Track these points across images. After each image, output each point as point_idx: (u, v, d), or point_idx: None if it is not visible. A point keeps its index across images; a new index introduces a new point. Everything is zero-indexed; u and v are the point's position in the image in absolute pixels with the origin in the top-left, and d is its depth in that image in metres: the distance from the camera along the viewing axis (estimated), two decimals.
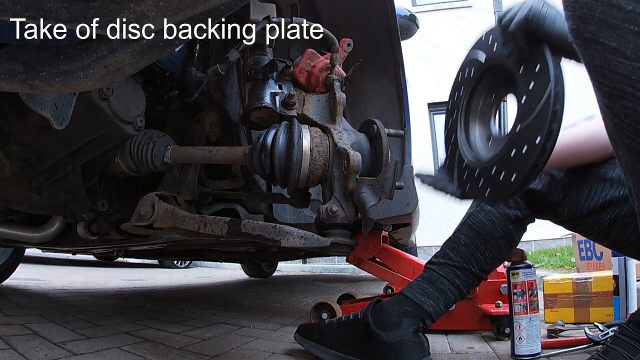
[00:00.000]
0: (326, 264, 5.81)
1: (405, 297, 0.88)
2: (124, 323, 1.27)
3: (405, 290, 0.90)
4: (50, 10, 0.37)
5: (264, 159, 0.77)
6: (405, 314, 0.85)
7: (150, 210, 0.86)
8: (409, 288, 0.90)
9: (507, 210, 0.88)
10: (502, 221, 0.88)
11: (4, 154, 0.79)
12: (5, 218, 1.16)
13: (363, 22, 1.23)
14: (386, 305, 0.88)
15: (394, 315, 0.85)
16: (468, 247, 0.88)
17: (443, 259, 0.90)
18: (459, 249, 0.89)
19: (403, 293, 0.89)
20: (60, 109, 0.59)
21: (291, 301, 2.17)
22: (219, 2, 0.42)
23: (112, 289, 2.33)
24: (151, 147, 0.88)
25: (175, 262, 4.88)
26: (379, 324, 0.85)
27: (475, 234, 0.88)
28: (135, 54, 0.42)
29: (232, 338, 1.16)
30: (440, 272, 0.88)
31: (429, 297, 0.86)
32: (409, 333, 0.82)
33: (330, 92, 0.84)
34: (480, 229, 0.88)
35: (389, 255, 1.51)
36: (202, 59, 0.92)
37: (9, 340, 0.93)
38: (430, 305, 0.85)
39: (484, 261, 0.88)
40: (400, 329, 0.83)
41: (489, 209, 0.89)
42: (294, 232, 0.70)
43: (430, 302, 0.85)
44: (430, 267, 0.91)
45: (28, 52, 0.42)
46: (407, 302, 0.87)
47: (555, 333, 1.18)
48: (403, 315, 0.84)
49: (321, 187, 0.83)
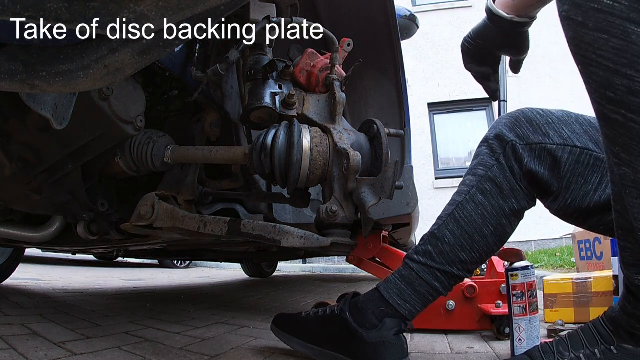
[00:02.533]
0: (326, 264, 5.81)
1: (381, 296, 0.82)
2: (124, 323, 1.27)
3: (382, 287, 0.83)
4: (50, 10, 0.37)
5: (264, 158, 0.77)
6: (383, 314, 0.81)
7: (150, 210, 0.86)
8: (386, 286, 0.83)
9: (501, 201, 0.77)
10: (494, 216, 0.77)
11: (4, 154, 0.79)
12: (5, 218, 1.16)
13: (363, 22, 1.23)
14: (362, 303, 0.84)
15: (372, 315, 0.81)
16: (453, 248, 0.78)
17: (424, 258, 0.80)
18: (442, 247, 0.79)
19: (380, 291, 0.83)
20: (60, 109, 0.59)
21: (291, 301, 2.17)
22: (219, 2, 0.42)
23: (112, 289, 2.33)
24: (151, 147, 0.88)
25: (175, 262, 4.88)
26: (359, 322, 0.81)
27: (462, 232, 0.78)
28: (135, 54, 0.42)
29: (232, 338, 1.16)
30: (420, 274, 0.80)
31: (406, 300, 0.80)
32: (390, 335, 0.79)
33: (330, 92, 0.84)
34: (468, 227, 0.78)
35: (389, 255, 1.51)
36: (202, 59, 0.92)
37: (9, 340, 0.93)
38: (407, 308, 0.80)
39: (469, 261, 0.79)
40: (382, 330, 0.79)
41: (480, 200, 0.78)
42: (294, 232, 0.70)
43: (407, 305, 0.80)
44: (409, 265, 0.82)
45: (28, 52, 0.42)
46: (383, 302, 0.81)
47: (555, 333, 1.18)
48: (383, 315, 0.81)
49: (321, 187, 0.83)
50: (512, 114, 0.83)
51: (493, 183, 0.78)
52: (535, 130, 0.78)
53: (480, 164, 0.81)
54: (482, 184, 0.79)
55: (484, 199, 0.78)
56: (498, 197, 0.78)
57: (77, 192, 0.90)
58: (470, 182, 0.80)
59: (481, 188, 0.79)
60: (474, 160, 0.83)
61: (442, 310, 1.30)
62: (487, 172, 0.79)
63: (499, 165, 0.78)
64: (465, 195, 0.80)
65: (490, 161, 0.79)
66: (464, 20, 6.60)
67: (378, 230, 1.52)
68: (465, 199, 0.79)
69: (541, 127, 0.77)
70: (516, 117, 0.81)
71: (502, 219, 0.78)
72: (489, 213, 0.78)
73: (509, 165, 0.78)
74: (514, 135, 0.78)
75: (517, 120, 0.80)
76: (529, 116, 0.80)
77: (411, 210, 1.38)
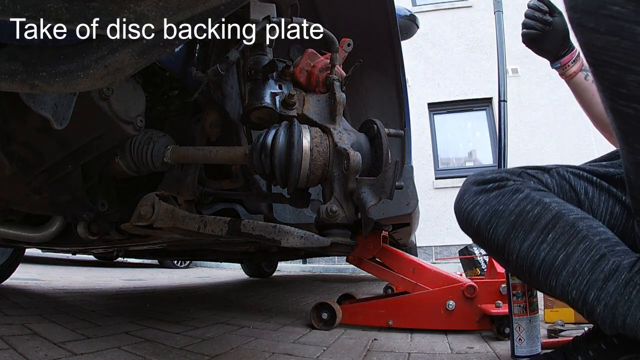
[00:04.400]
0: (326, 264, 5.81)
1: None
2: (124, 323, 1.27)
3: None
4: (50, 10, 0.37)
5: (264, 159, 0.77)
6: None
7: (150, 210, 0.86)
8: None
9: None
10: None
11: (4, 154, 0.79)
12: (5, 218, 1.16)
13: (363, 22, 1.23)
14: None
15: None
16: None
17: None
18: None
19: None
20: (60, 109, 0.59)
21: (291, 301, 2.17)
22: (219, 2, 0.42)
23: (112, 289, 2.33)
24: (151, 147, 0.88)
25: (175, 262, 4.88)
26: None
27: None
28: (135, 54, 0.42)
29: (232, 338, 1.16)
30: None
31: None
32: None
33: (330, 92, 0.84)
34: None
35: (389, 255, 1.51)
36: (202, 59, 0.92)
37: (9, 340, 0.93)
38: None
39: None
40: None
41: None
42: (294, 232, 0.70)
43: None
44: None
45: (28, 52, 0.42)
46: None
47: (555, 333, 1.18)
48: None
49: (321, 187, 0.83)
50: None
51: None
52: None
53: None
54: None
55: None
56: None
57: (77, 192, 0.90)
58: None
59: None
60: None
61: (442, 310, 1.30)
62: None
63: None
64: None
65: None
66: (464, 20, 6.61)
67: (378, 230, 1.52)
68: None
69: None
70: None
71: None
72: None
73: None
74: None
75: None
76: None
77: (411, 210, 1.38)
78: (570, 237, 0.62)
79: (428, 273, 1.39)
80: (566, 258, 0.61)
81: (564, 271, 0.61)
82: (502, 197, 0.70)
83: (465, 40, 6.53)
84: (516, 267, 0.67)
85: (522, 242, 0.65)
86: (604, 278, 0.59)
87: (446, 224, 5.89)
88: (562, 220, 0.64)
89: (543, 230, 0.64)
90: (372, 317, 1.39)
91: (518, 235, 0.66)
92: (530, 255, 0.64)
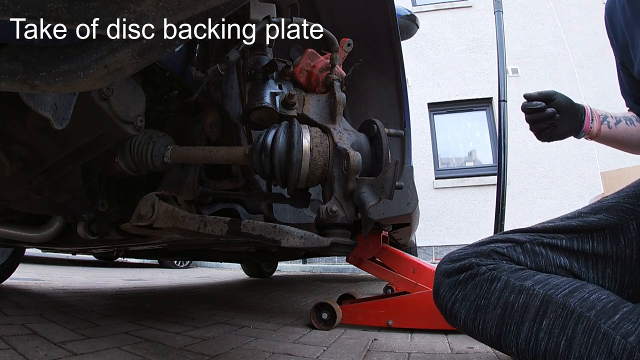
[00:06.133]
0: (326, 264, 5.81)
1: None
2: (124, 323, 1.27)
3: None
4: (50, 10, 0.37)
5: (264, 159, 0.77)
6: None
7: (150, 210, 0.86)
8: None
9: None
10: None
11: (4, 154, 0.79)
12: (5, 218, 1.16)
13: (363, 22, 1.23)
14: None
15: None
16: None
17: None
18: None
19: None
20: (60, 109, 0.59)
21: (291, 301, 2.17)
22: (219, 2, 0.42)
23: (112, 289, 2.33)
24: (151, 147, 0.88)
25: (175, 262, 4.88)
26: None
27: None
28: (135, 54, 0.42)
29: (232, 338, 1.16)
30: None
31: None
32: None
33: (330, 92, 0.84)
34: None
35: (389, 255, 1.51)
36: (202, 59, 0.92)
37: (9, 340, 0.93)
38: None
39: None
40: None
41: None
42: (294, 232, 0.70)
43: None
44: None
45: (28, 52, 0.42)
46: None
47: None
48: None
49: (321, 187, 0.83)
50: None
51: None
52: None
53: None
54: None
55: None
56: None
57: (77, 192, 0.90)
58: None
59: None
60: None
61: None
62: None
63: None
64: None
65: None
66: (464, 20, 6.61)
67: (378, 230, 1.52)
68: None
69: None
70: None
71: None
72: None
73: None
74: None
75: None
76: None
77: (411, 210, 1.38)
78: (566, 320, 0.58)
79: (428, 273, 1.39)
80: (568, 344, 0.58)
81: (571, 357, 0.57)
82: (479, 290, 0.66)
83: (465, 41, 6.53)
84: (520, 358, 0.63)
85: (517, 336, 0.61)
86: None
87: (446, 224, 5.90)
88: (551, 303, 0.60)
89: (535, 319, 0.60)
90: (372, 317, 1.39)
91: (511, 330, 0.62)
92: (530, 347, 0.60)
